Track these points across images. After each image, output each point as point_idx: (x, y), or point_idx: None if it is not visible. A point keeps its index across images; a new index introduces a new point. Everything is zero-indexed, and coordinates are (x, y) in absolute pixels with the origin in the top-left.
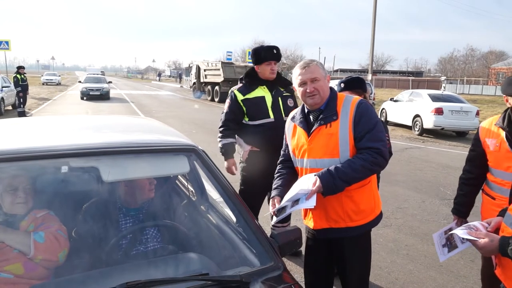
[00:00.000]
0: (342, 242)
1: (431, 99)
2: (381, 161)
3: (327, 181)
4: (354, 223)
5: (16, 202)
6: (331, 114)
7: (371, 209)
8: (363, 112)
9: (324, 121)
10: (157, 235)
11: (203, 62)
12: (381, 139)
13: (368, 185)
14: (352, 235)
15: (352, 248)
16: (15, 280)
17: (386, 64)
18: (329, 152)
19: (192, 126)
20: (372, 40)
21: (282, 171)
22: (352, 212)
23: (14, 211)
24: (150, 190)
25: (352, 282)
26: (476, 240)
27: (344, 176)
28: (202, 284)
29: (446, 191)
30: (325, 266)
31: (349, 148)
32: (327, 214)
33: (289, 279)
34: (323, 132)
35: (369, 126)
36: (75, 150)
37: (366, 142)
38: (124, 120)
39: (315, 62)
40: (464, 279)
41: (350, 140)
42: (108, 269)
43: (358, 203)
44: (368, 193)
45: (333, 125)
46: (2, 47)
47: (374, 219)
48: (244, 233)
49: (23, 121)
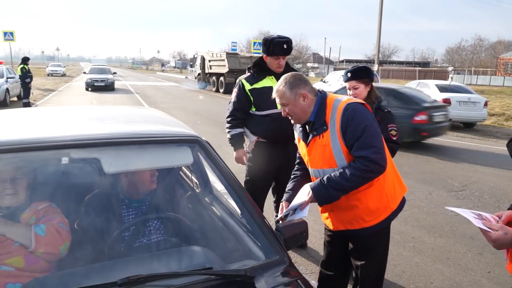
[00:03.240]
0: (359, 239)
1: (439, 90)
2: (374, 168)
3: (319, 192)
4: (368, 223)
5: (4, 193)
6: (321, 125)
7: (384, 206)
8: (349, 118)
9: (316, 132)
10: (160, 227)
11: (208, 53)
12: (371, 145)
13: (376, 185)
14: (370, 233)
15: (370, 245)
16: (16, 273)
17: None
18: (327, 163)
19: (197, 117)
20: (378, 30)
21: (296, 173)
22: (364, 214)
23: (3, 202)
24: (152, 182)
25: (368, 277)
26: (489, 232)
27: (336, 186)
28: (206, 279)
29: (453, 183)
30: (342, 261)
31: (344, 156)
32: (341, 217)
33: (295, 273)
34: (318, 143)
35: (356, 133)
36: (76, 141)
37: (355, 151)
38: (127, 110)
39: (283, 84)
40: (472, 272)
41: (343, 149)
42: (110, 263)
43: (368, 205)
44: (377, 193)
45: (324, 135)
46: (7, 38)
47: (390, 215)
48: (249, 226)
49: (25, 111)
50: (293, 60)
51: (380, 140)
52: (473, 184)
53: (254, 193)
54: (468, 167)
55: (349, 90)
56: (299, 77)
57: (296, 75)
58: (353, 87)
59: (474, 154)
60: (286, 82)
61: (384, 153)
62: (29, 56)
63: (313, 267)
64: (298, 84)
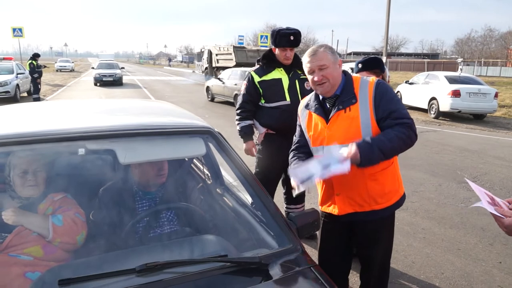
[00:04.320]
0: (366, 224)
1: (448, 81)
2: (412, 135)
3: (365, 148)
4: (379, 205)
5: (26, 185)
6: (349, 98)
7: (395, 190)
8: (383, 92)
9: (342, 106)
10: (174, 218)
11: (215, 47)
12: (408, 116)
13: (391, 166)
14: (378, 218)
15: (377, 231)
16: (34, 262)
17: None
18: (351, 137)
19: (205, 110)
20: (386, 22)
21: (298, 155)
22: (377, 195)
23: (24, 194)
24: (164, 175)
25: (374, 265)
26: (501, 218)
27: (382, 146)
28: (221, 266)
29: (463, 174)
30: (343, 251)
31: (372, 130)
32: (351, 198)
33: (309, 261)
34: (342, 117)
35: (392, 106)
36: (92, 132)
37: (392, 120)
38: (139, 103)
39: (323, 47)
40: (483, 263)
41: (372, 123)
42: (127, 251)
43: (384, 185)
44: (392, 174)
45: (352, 108)
46: (16, 34)
47: (398, 200)
48: (262, 215)
49: (38, 105)
50: (300, 53)
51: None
52: (484, 175)
53: (264, 184)
54: (478, 158)
55: None
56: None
57: (327, 46)
58: None
59: (484, 146)
60: (326, 47)
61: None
62: (38, 52)
63: None
64: (334, 52)
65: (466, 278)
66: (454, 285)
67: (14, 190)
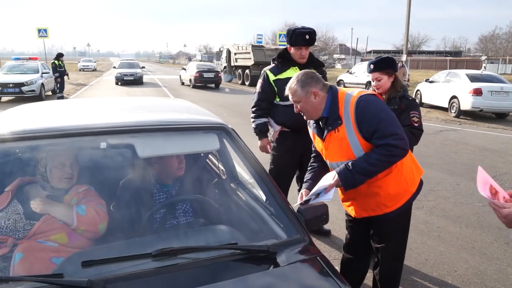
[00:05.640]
0: (380, 223)
1: (469, 80)
2: (397, 152)
3: (346, 176)
4: (389, 208)
5: (63, 177)
6: (335, 119)
7: (405, 190)
8: (364, 110)
9: (332, 127)
10: (189, 210)
11: (234, 46)
12: (392, 133)
13: (395, 171)
14: (391, 217)
15: (391, 227)
16: (59, 249)
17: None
18: (345, 155)
19: (223, 109)
20: (407, 19)
21: (313, 165)
22: (385, 200)
23: (60, 185)
24: (181, 168)
25: (388, 258)
26: (500, 208)
27: (361, 171)
28: (231, 253)
29: None
30: (363, 245)
31: (362, 148)
32: (364, 204)
33: (315, 251)
34: (333, 137)
35: (373, 125)
36: (114, 127)
37: (376, 140)
38: (157, 101)
39: (295, 82)
40: (498, 261)
41: (360, 141)
42: (144, 238)
43: (389, 191)
44: (396, 178)
45: (340, 129)
46: (41, 35)
47: (410, 198)
48: (272, 208)
49: (65, 103)
50: (319, 51)
51: (399, 126)
52: (503, 175)
53: (278, 181)
54: (498, 158)
55: (373, 81)
56: (311, 75)
57: (308, 73)
58: (376, 78)
59: (506, 145)
60: (298, 80)
61: (405, 138)
62: (62, 52)
63: (336, 253)
64: (309, 83)
65: (480, 276)
66: (466, 282)
67: (48, 181)
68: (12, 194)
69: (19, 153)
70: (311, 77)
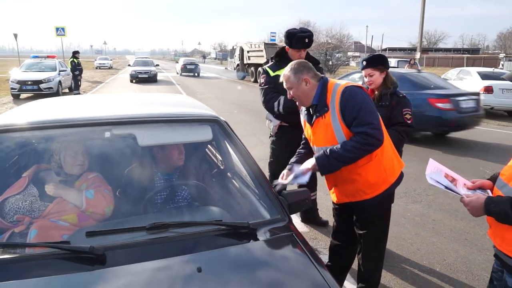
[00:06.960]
0: (362, 209)
1: (481, 77)
2: (372, 141)
3: (322, 161)
4: (368, 195)
5: (76, 164)
6: (322, 107)
7: (383, 179)
8: (348, 99)
9: (319, 113)
10: (188, 197)
11: (247, 44)
12: (368, 122)
13: (375, 159)
14: (371, 204)
15: (372, 214)
16: (70, 228)
17: (439, 42)
18: (329, 141)
19: (233, 107)
20: (421, 16)
21: (300, 151)
22: (364, 187)
23: (73, 171)
24: (180, 159)
25: (369, 244)
26: (462, 197)
27: (338, 157)
28: (216, 228)
29: (485, 170)
30: (349, 231)
31: (344, 135)
32: (344, 190)
33: (293, 229)
34: (320, 123)
35: (353, 113)
36: (117, 119)
37: (354, 128)
38: (159, 96)
39: (289, 69)
40: (487, 252)
41: (343, 128)
42: (142, 215)
43: (368, 178)
44: (375, 167)
45: (326, 116)
46: (59, 34)
47: (388, 187)
48: (258, 192)
49: (77, 98)
50: (333, 49)
51: (377, 117)
52: None
53: (278, 173)
54: (504, 155)
55: (365, 77)
56: (303, 64)
57: (301, 63)
58: (368, 74)
59: None
60: (292, 68)
61: (381, 129)
62: (79, 50)
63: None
64: (301, 70)
65: (467, 265)
66: (454, 270)
67: (62, 167)
68: (29, 179)
69: (35, 143)
70: (304, 66)
